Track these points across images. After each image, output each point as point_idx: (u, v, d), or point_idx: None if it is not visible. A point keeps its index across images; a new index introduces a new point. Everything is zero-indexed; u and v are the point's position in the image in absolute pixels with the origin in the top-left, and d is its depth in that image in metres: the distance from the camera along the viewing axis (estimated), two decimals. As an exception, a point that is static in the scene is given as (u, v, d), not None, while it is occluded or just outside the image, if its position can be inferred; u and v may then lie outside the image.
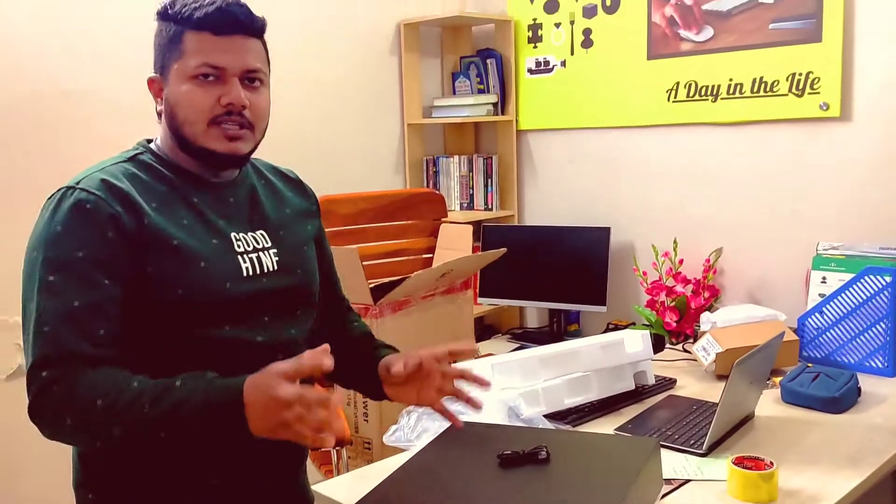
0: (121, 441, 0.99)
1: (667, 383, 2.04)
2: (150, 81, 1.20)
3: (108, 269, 1.05)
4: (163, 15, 1.17)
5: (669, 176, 2.87)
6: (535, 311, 3.37)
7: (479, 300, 3.10)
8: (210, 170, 1.20)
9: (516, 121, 3.27)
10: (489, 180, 3.30)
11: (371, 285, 1.97)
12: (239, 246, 1.17)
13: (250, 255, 1.17)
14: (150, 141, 1.24)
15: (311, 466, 2.27)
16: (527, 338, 3.12)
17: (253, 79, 1.17)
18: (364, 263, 1.98)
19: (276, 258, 1.21)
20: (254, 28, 1.17)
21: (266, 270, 1.19)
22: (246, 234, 1.19)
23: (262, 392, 0.97)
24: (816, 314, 2.18)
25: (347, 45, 3.04)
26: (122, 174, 1.13)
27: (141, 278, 1.07)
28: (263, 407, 0.96)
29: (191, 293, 1.09)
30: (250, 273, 1.16)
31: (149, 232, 1.08)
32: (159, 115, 1.20)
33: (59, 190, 1.11)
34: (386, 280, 2.03)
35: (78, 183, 1.10)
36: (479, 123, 3.45)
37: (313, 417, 0.95)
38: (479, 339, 3.16)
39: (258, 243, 1.20)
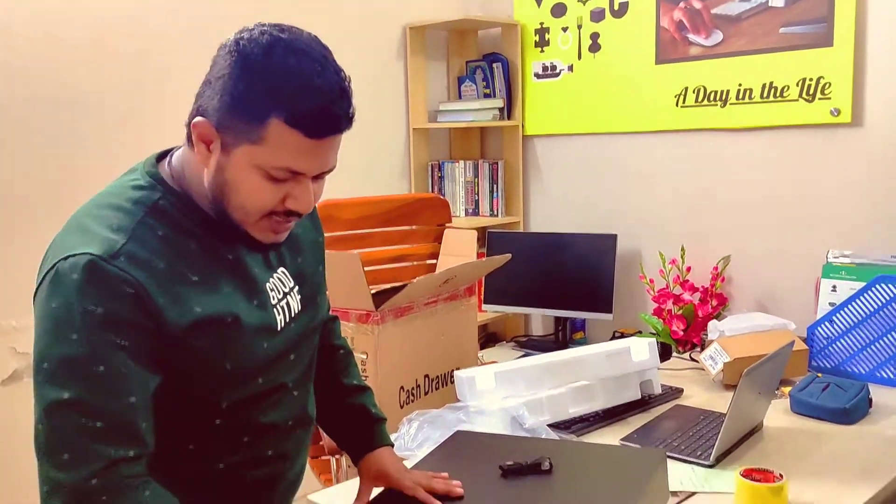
0: None
1: (673, 393, 2.00)
2: (200, 129, 0.96)
3: (147, 360, 0.93)
4: (245, 61, 0.93)
5: (677, 182, 2.84)
6: (539, 319, 3.34)
7: (484, 307, 3.07)
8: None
9: (522, 126, 3.24)
10: (495, 186, 3.27)
11: (373, 291, 1.94)
12: (273, 298, 1.07)
13: (281, 304, 1.08)
14: (161, 157, 1.05)
15: (310, 474, 2.24)
16: (531, 346, 3.08)
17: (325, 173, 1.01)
18: (366, 269, 1.95)
19: (299, 296, 1.13)
20: (349, 125, 0.98)
21: (294, 315, 1.10)
22: (272, 276, 1.08)
23: None
24: (826, 323, 2.14)
25: (353, 48, 3.02)
26: (151, 238, 0.96)
27: (183, 358, 0.96)
28: None
29: (238, 364, 1.01)
30: (283, 325, 1.08)
31: (194, 312, 0.96)
32: (189, 139, 1.00)
33: (82, 255, 0.90)
34: (388, 286, 2.00)
35: (104, 254, 0.91)
36: (485, 128, 3.42)
37: None
38: (482, 346, 3.13)
39: (284, 286, 1.10)
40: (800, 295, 2.52)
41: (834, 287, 2.18)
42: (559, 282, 2.97)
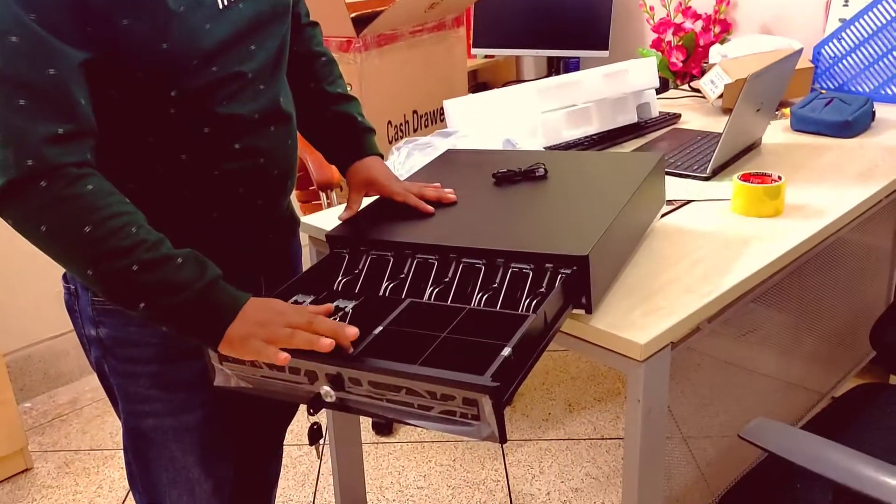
0: (89, 282, 0.88)
1: (670, 118, 1.94)
2: None
3: (68, 31, 0.85)
4: None
5: None
6: (532, 63, 3.20)
7: (473, 51, 2.92)
8: None
9: None
10: (482, -86, 2.98)
11: (353, 16, 1.81)
12: None
13: None
14: None
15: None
16: (524, 89, 2.98)
17: None
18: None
19: None
20: None
21: None
22: None
23: (267, 308, 0.91)
24: (834, 41, 2.03)
25: None
26: None
27: (115, 35, 0.87)
28: (258, 319, 0.89)
29: (178, 46, 0.91)
30: (225, 3, 0.96)
31: None
32: None
33: None
34: (368, 11, 1.85)
35: None
36: None
37: (304, 340, 0.87)
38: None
39: None
40: (808, 16, 2.37)
41: (846, 1, 2.04)
42: (552, 18, 2.80)
